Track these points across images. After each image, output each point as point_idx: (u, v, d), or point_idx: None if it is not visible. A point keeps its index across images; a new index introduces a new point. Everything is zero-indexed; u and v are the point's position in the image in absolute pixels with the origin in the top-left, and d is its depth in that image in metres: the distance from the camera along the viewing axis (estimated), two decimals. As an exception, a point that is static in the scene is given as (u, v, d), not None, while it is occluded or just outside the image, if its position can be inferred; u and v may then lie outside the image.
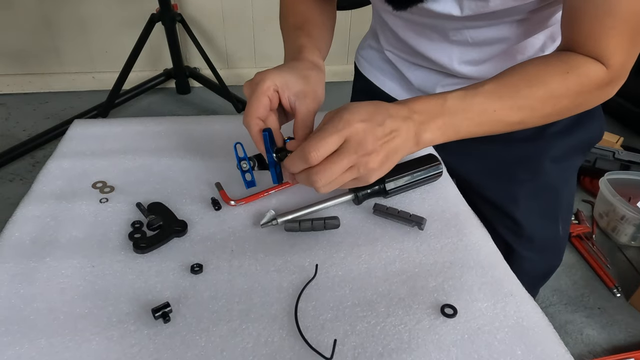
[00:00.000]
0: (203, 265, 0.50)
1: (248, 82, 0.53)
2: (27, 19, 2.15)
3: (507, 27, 0.63)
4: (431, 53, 0.71)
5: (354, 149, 0.45)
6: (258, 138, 0.52)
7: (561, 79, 0.52)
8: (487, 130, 0.53)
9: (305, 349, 0.43)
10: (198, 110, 2.26)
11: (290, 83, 0.52)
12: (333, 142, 0.45)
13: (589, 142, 0.78)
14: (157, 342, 0.43)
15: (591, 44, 0.52)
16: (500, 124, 0.53)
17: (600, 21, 0.50)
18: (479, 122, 0.51)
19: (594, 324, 1.36)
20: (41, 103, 2.26)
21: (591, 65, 0.52)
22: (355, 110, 0.46)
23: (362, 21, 2.32)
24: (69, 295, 0.47)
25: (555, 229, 0.79)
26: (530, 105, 0.52)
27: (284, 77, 0.52)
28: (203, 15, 2.28)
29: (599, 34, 0.50)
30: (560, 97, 0.53)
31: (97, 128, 0.73)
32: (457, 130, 0.51)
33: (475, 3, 0.57)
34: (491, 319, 0.46)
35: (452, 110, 0.50)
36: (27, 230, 0.54)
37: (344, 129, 0.45)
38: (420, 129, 0.49)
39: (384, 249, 0.54)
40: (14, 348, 0.42)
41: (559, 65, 0.52)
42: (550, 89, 0.52)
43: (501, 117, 0.52)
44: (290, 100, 0.53)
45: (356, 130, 0.45)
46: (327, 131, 0.45)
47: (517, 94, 0.52)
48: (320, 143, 0.44)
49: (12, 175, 1.82)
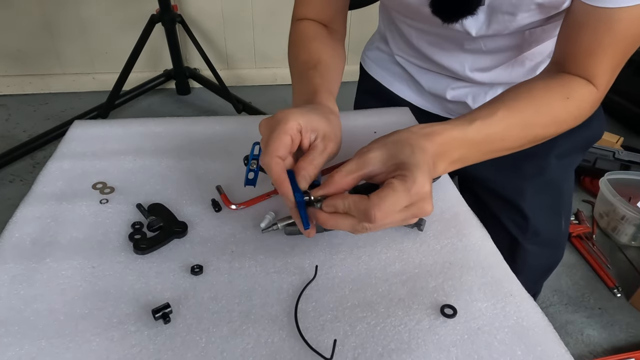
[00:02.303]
0: (203, 267, 0.51)
1: (267, 119, 0.49)
2: (27, 20, 2.15)
3: (520, 36, 0.64)
4: (444, 60, 0.72)
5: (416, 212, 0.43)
6: (282, 178, 0.46)
7: (563, 105, 0.54)
8: (487, 158, 0.53)
9: (305, 349, 0.43)
10: (198, 111, 2.26)
11: (313, 122, 0.48)
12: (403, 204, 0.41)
13: (589, 141, 0.80)
14: (158, 343, 0.43)
15: (586, 61, 0.54)
16: (500, 152, 0.54)
17: (599, 37, 0.52)
18: (486, 152, 0.52)
19: (594, 324, 1.36)
20: (41, 104, 2.26)
21: (585, 88, 0.55)
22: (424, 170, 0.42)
23: (362, 23, 2.32)
24: (69, 296, 0.47)
25: (558, 223, 0.81)
26: (535, 132, 0.54)
27: (308, 117, 0.48)
28: (203, 16, 2.28)
29: (595, 50, 0.53)
30: (561, 123, 0.55)
31: (97, 129, 0.73)
32: (465, 161, 0.51)
33: (503, 17, 0.58)
34: (491, 319, 0.47)
35: (471, 143, 0.50)
36: (27, 231, 0.54)
37: (417, 192, 0.41)
38: (438, 164, 0.47)
39: (384, 250, 0.54)
40: (14, 349, 0.42)
41: (560, 90, 0.54)
42: (555, 115, 0.54)
43: (507, 146, 0.53)
44: (310, 139, 0.49)
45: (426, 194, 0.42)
46: (398, 193, 0.41)
47: (525, 125, 0.53)
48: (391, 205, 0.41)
49: (12, 176, 1.82)
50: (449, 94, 0.77)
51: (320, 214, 0.45)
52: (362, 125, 0.75)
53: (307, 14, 0.70)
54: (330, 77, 0.61)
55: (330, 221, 0.44)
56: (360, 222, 0.43)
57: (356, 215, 0.43)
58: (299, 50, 0.66)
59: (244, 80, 2.46)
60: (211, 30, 2.33)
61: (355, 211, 0.43)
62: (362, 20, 2.30)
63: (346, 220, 0.44)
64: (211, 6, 2.25)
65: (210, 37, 2.34)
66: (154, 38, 2.01)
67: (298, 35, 0.69)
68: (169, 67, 2.28)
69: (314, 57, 0.63)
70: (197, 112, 2.25)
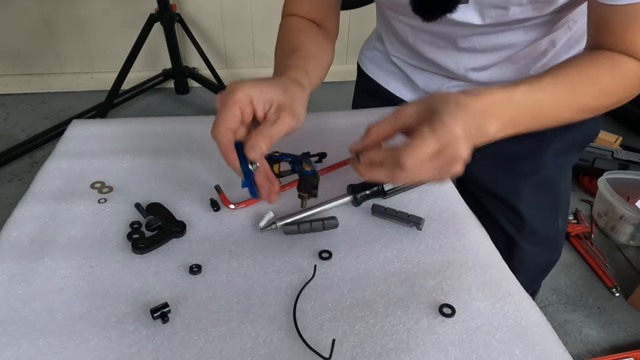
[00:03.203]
0: (202, 266, 0.50)
1: (221, 92, 0.49)
2: (26, 19, 2.14)
3: (514, 34, 0.64)
4: (439, 59, 0.72)
5: (449, 157, 0.42)
6: (228, 149, 0.48)
7: (611, 76, 0.53)
8: (540, 126, 0.52)
9: (304, 349, 0.43)
10: (197, 110, 2.26)
11: (265, 93, 0.49)
12: (433, 148, 0.41)
13: (586, 139, 0.81)
14: (156, 343, 0.43)
15: (624, 44, 0.53)
16: (553, 121, 0.53)
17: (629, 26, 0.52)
18: (537, 118, 0.51)
19: (593, 323, 1.37)
20: (40, 103, 2.25)
21: (631, 61, 0.54)
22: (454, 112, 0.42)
23: (361, 21, 2.31)
24: (67, 295, 0.47)
25: (555, 222, 0.81)
26: (584, 102, 0.53)
27: (260, 87, 0.49)
28: (202, 15, 2.28)
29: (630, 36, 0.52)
30: (611, 94, 0.55)
31: (96, 128, 0.73)
32: (516, 125, 0.49)
33: (496, 11, 0.58)
34: (489, 318, 0.47)
35: (518, 105, 0.49)
36: (25, 230, 0.54)
37: (446, 136, 0.41)
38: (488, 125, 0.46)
39: (383, 249, 0.54)
40: (12, 348, 0.42)
41: (607, 62, 0.54)
42: (603, 86, 0.54)
43: (557, 114, 0.52)
44: (265, 110, 0.49)
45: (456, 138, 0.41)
46: (426, 138, 0.41)
47: (574, 92, 0.52)
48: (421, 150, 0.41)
49: (11, 175, 1.82)
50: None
51: (359, 166, 0.46)
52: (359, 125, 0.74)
53: (297, 11, 0.70)
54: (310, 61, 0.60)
55: (367, 172, 0.45)
56: (393, 171, 0.43)
57: (389, 164, 0.43)
58: (284, 40, 0.66)
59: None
60: (210, 29, 2.33)
61: (388, 160, 0.43)
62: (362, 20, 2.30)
63: (381, 170, 0.44)
64: (210, 5, 2.25)
65: (209, 37, 2.34)
66: (152, 37, 2.00)
67: (287, 28, 0.69)
68: (167, 67, 2.28)
69: (297, 44, 0.63)
70: (195, 112, 2.25)
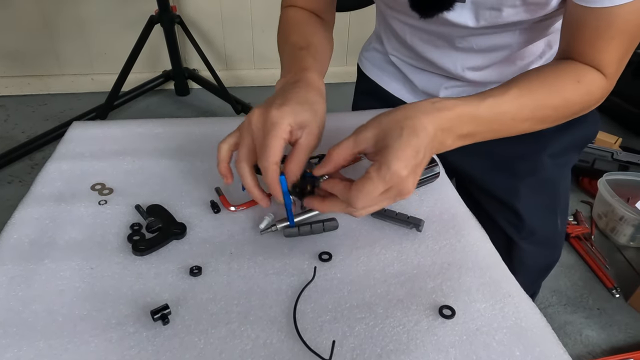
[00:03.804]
0: (202, 268, 0.51)
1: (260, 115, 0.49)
2: (26, 21, 2.15)
3: (510, 35, 0.64)
4: (436, 59, 0.72)
5: (396, 194, 0.45)
6: (276, 184, 0.48)
7: (574, 88, 0.54)
8: (498, 136, 0.54)
9: (304, 350, 0.43)
10: (197, 111, 2.26)
11: (301, 119, 0.49)
12: (380, 189, 0.44)
13: (584, 140, 0.81)
14: (156, 344, 0.43)
15: (592, 54, 0.54)
16: (512, 132, 0.54)
17: (600, 33, 0.52)
18: (496, 130, 0.52)
19: (593, 324, 1.37)
20: (40, 105, 2.26)
21: (595, 74, 0.55)
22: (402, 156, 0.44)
23: (361, 23, 2.32)
24: (67, 297, 0.47)
25: (554, 222, 0.81)
26: (546, 114, 0.55)
27: (296, 114, 0.49)
28: (202, 16, 2.28)
29: (599, 45, 0.53)
30: (572, 105, 0.56)
31: (96, 130, 0.73)
32: (475, 137, 0.51)
33: (490, 13, 0.58)
34: (489, 320, 0.47)
35: (481, 119, 0.50)
36: (25, 232, 0.54)
37: (392, 179, 0.44)
38: (446, 137, 0.48)
39: (382, 251, 0.54)
40: (12, 350, 0.42)
41: (571, 74, 0.55)
42: (565, 97, 0.55)
43: (517, 125, 0.53)
44: (297, 136, 0.50)
45: (401, 179, 0.44)
46: (374, 181, 0.44)
47: (537, 105, 0.53)
48: (369, 192, 0.44)
49: (11, 177, 1.82)
50: (442, 93, 0.77)
51: (314, 201, 0.50)
52: (360, 126, 0.75)
53: (297, 2, 0.71)
54: (321, 58, 0.62)
55: (324, 207, 0.50)
56: (348, 207, 0.47)
57: (343, 201, 0.47)
58: (290, 32, 0.67)
59: (243, 81, 2.46)
60: (210, 31, 2.33)
61: (341, 196, 0.47)
62: (361, 22, 2.30)
63: (337, 204, 0.48)
64: (210, 7, 2.25)
65: (209, 38, 2.34)
66: (152, 39, 2.01)
67: (289, 19, 0.69)
68: (167, 68, 2.28)
69: (306, 39, 0.64)
70: (196, 113, 2.25)
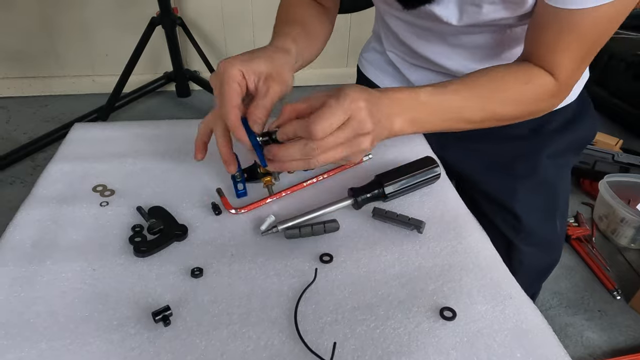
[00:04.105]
0: (203, 269, 0.51)
1: (214, 74, 0.53)
2: (28, 22, 2.15)
3: (499, 34, 0.65)
4: (431, 55, 0.72)
5: (355, 127, 0.46)
6: (237, 125, 0.51)
7: (521, 88, 0.57)
8: (450, 126, 0.56)
9: (305, 352, 0.43)
10: (198, 113, 2.27)
11: (253, 66, 0.52)
12: (340, 117, 0.45)
13: (583, 141, 0.81)
14: (158, 346, 0.43)
15: (548, 56, 0.56)
16: (462, 122, 0.57)
17: (561, 36, 0.54)
18: (444, 119, 0.55)
19: (594, 326, 1.36)
20: (41, 106, 2.26)
21: (546, 77, 0.57)
22: (357, 89, 0.47)
23: (361, 24, 2.32)
24: (69, 298, 0.47)
25: (553, 224, 0.81)
26: (493, 108, 0.57)
27: (247, 61, 0.52)
28: (203, 18, 2.29)
29: (557, 48, 0.55)
30: (519, 103, 0.58)
31: (98, 131, 0.73)
32: (423, 124, 0.54)
33: (471, 8, 0.59)
34: (490, 321, 0.47)
35: (423, 104, 0.53)
36: (28, 233, 0.54)
37: (350, 106, 0.45)
38: (393, 119, 0.51)
39: (383, 253, 0.54)
40: (14, 351, 0.42)
41: (520, 75, 0.57)
42: (511, 94, 0.57)
43: (465, 115, 0.56)
44: (256, 85, 0.52)
45: (360, 108, 0.45)
46: (332, 107, 0.45)
47: (481, 96, 0.56)
48: (328, 118, 0.44)
49: (13, 178, 1.82)
50: None
51: (272, 147, 0.49)
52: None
53: None
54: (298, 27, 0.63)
55: (281, 151, 0.48)
56: (306, 144, 0.46)
57: (300, 133, 0.46)
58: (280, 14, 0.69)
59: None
60: (211, 32, 2.33)
61: (299, 130, 0.46)
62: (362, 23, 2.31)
63: (295, 145, 0.47)
64: (211, 8, 2.26)
65: (211, 39, 2.35)
66: (154, 40, 2.01)
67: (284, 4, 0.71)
68: (169, 70, 2.29)
69: (290, 17, 0.66)
70: (197, 115, 2.25)
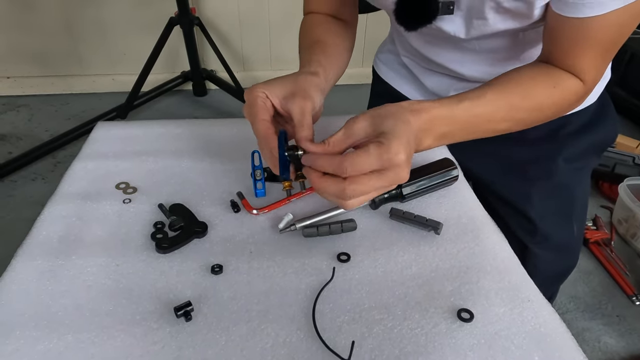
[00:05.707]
0: (223, 266, 0.52)
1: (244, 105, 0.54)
2: (50, 23, 2.20)
3: (512, 37, 0.65)
4: (443, 61, 0.72)
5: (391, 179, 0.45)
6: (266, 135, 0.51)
7: (549, 93, 0.57)
8: (474, 137, 0.56)
9: (323, 349, 0.44)
10: (214, 112, 2.29)
11: (276, 87, 0.53)
12: (373, 166, 0.44)
13: (602, 143, 0.79)
14: (179, 340, 0.44)
15: (570, 61, 0.56)
16: (487, 133, 0.56)
17: (577, 42, 0.54)
18: (473, 132, 0.55)
19: (612, 332, 1.34)
20: (63, 104, 2.31)
21: (572, 80, 0.57)
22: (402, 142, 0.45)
23: (378, 25, 2.31)
24: (94, 292, 0.49)
25: (569, 228, 0.80)
26: (520, 116, 0.57)
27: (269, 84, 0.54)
28: (220, 18, 2.31)
29: (576, 53, 0.55)
30: (545, 109, 0.58)
31: (120, 130, 0.75)
32: (451, 138, 0.54)
33: (478, 22, 0.59)
34: (508, 324, 0.47)
35: (457, 121, 0.52)
36: (54, 229, 0.56)
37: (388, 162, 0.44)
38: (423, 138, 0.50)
39: (401, 253, 0.54)
40: (43, 342, 0.44)
41: (547, 79, 0.57)
42: (540, 101, 0.57)
43: (492, 127, 0.56)
44: (282, 105, 0.53)
45: (399, 165, 0.44)
46: (371, 155, 0.44)
47: (511, 107, 0.55)
48: (361, 162, 0.43)
49: (35, 174, 1.87)
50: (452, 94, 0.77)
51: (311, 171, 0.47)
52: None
53: (314, 7, 0.73)
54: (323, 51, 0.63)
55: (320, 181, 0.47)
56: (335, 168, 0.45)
57: (330, 168, 0.45)
58: (303, 38, 0.70)
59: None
60: (228, 32, 2.35)
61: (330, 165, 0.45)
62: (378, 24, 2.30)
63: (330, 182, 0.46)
64: (228, 9, 2.28)
65: (227, 39, 2.37)
66: (171, 40, 2.04)
67: (304, 26, 0.72)
68: (186, 69, 2.31)
69: (313, 39, 0.66)
70: (213, 114, 2.27)
